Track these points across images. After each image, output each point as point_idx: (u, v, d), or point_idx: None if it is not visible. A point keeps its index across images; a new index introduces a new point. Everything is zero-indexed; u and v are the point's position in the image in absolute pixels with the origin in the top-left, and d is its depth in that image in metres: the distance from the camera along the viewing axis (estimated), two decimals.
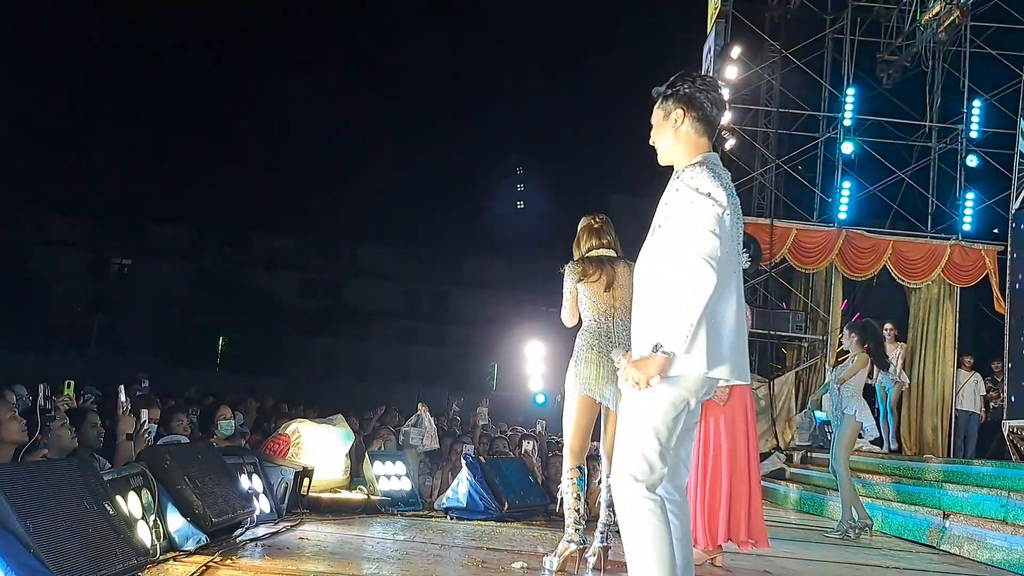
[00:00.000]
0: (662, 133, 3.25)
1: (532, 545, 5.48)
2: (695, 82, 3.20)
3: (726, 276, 2.98)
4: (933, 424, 13.72)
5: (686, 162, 3.16)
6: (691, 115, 3.19)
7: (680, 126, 3.21)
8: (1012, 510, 6.73)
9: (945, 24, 12.66)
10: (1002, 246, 12.83)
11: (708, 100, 3.18)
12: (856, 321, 8.67)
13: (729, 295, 3.02)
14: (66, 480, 3.50)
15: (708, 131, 3.21)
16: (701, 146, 3.19)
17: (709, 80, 3.27)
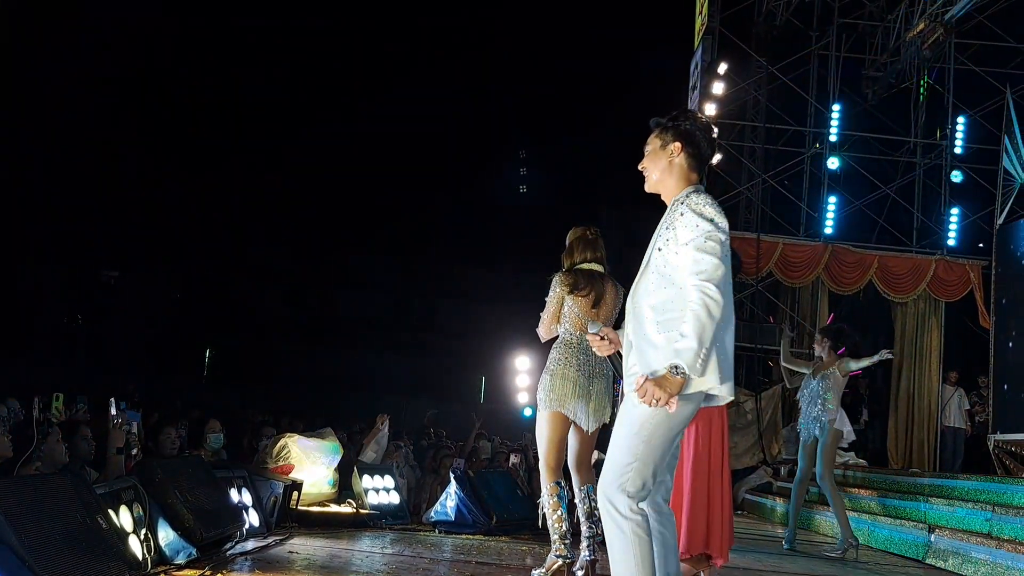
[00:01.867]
0: (657, 162, 3.37)
1: (520, 559, 5.50)
2: (695, 121, 3.36)
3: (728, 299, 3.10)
4: (919, 439, 13.80)
5: (676, 192, 3.31)
6: (687, 150, 3.32)
7: (675, 158, 3.33)
8: (997, 524, 6.79)
9: (930, 41, 12.81)
10: (987, 261, 12.96)
11: (704, 140, 3.33)
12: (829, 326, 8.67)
13: (731, 317, 3.13)
14: (60, 493, 3.53)
15: (699, 168, 3.34)
16: (692, 180, 3.33)
17: (707, 122, 3.40)
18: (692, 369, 3.01)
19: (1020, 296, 10.84)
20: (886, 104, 14.75)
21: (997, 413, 11.38)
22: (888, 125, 14.87)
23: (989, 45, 14.15)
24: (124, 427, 5.40)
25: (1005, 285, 11.37)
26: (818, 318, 14.16)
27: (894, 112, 14.79)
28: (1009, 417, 10.95)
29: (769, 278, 14.58)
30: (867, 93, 14.63)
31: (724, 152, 15.04)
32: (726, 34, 14.65)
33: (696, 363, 3.00)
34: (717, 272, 3.03)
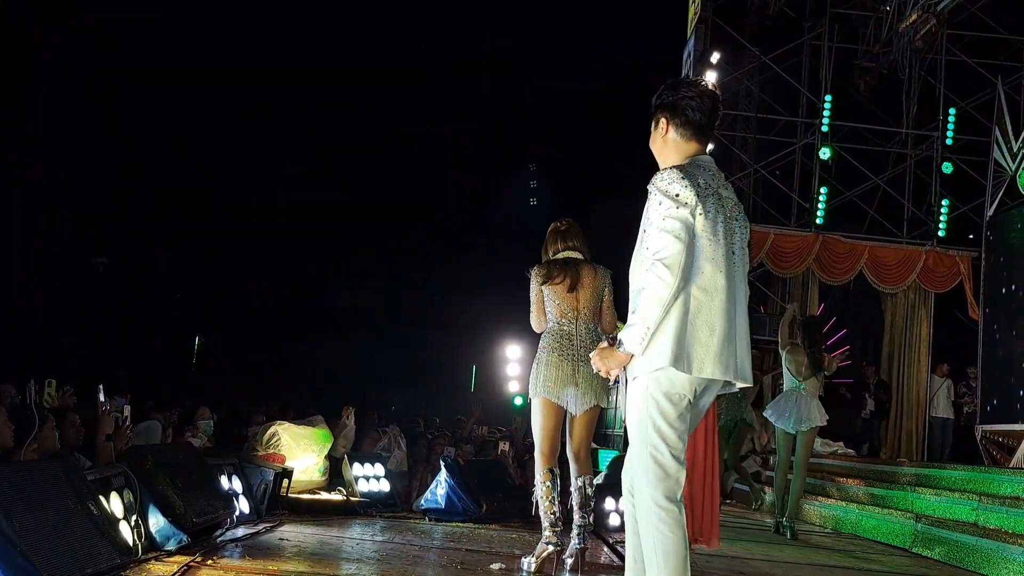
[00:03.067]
0: (655, 144, 3.35)
1: (510, 546, 5.51)
2: (677, 89, 3.27)
3: (711, 277, 3.06)
4: (908, 428, 13.88)
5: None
6: (675, 122, 3.26)
7: (666, 134, 3.29)
8: (983, 513, 6.83)
9: (922, 32, 12.81)
10: (976, 252, 13.00)
11: (692, 105, 3.24)
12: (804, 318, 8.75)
13: (714, 298, 3.07)
14: (51, 480, 3.55)
15: (696, 135, 3.26)
16: (689, 150, 3.26)
17: (694, 83, 3.31)
18: (632, 345, 3.03)
19: (1009, 288, 10.89)
20: (878, 95, 14.76)
21: (985, 404, 11.45)
22: (880, 116, 14.89)
23: (981, 36, 14.16)
24: (114, 414, 5.40)
25: (994, 276, 11.42)
26: (808, 308, 14.20)
27: (886, 103, 14.80)
28: (997, 408, 11.02)
29: (760, 268, 14.60)
30: (859, 84, 14.64)
31: (716, 142, 15.04)
32: (719, 23, 14.63)
33: (638, 341, 3.02)
34: (671, 250, 2.98)
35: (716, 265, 3.07)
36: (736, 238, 3.20)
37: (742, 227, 3.25)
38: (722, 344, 3.07)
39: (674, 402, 3.06)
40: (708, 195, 3.09)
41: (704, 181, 3.12)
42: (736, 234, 3.20)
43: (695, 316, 3.04)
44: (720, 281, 3.08)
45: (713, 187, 3.14)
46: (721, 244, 3.10)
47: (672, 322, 3.01)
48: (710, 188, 3.12)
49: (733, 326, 3.11)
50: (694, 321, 3.04)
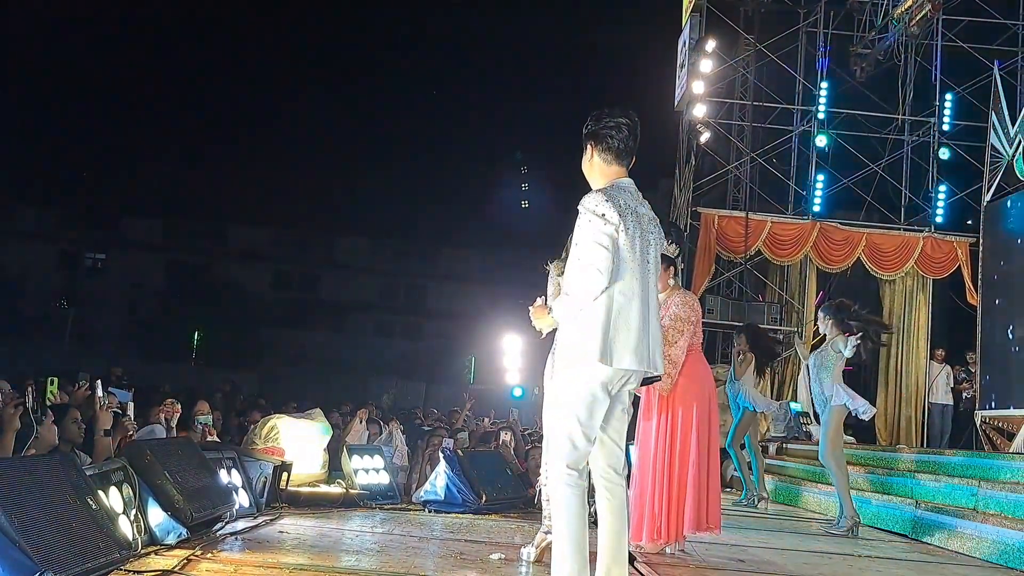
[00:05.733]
0: (583, 165, 3.80)
1: (510, 537, 5.51)
2: (600, 120, 3.72)
3: (629, 284, 3.52)
4: (907, 415, 13.89)
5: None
6: (598, 148, 3.72)
7: (591, 159, 3.75)
8: (983, 499, 6.83)
9: (917, 18, 12.79)
10: (974, 238, 13.00)
11: (612, 134, 3.69)
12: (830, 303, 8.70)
13: (631, 301, 3.53)
14: (50, 475, 3.55)
15: (616, 159, 3.70)
16: (611, 173, 3.71)
17: (614, 115, 3.72)
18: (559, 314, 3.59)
19: (1007, 273, 10.89)
20: (874, 82, 14.73)
21: (984, 389, 11.45)
22: (876, 103, 14.85)
23: (976, 22, 14.12)
24: (113, 409, 5.40)
25: (992, 262, 11.41)
26: (806, 296, 14.22)
27: (882, 90, 14.77)
28: (995, 393, 11.03)
29: (758, 256, 14.60)
30: (855, 71, 14.60)
31: (712, 130, 15.02)
32: (714, 11, 14.60)
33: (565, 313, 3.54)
34: (601, 257, 3.46)
35: (633, 273, 3.54)
36: (651, 248, 3.63)
37: (656, 239, 3.68)
38: (638, 340, 3.52)
39: (597, 391, 3.51)
40: (628, 214, 3.55)
41: (624, 202, 3.57)
42: (651, 245, 3.64)
43: (616, 317, 3.50)
44: (636, 287, 3.54)
45: (632, 206, 3.59)
46: (637, 255, 3.55)
47: (599, 322, 3.48)
48: (629, 207, 3.57)
49: (646, 324, 3.56)
50: (616, 321, 3.50)
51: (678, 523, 5.22)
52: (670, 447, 5.25)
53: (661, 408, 5.28)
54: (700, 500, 5.24)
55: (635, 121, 3.72)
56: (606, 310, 3.49)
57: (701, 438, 5.28)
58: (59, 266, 36.89)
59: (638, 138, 3.73)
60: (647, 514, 5.23)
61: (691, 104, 14.51)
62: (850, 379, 14.55)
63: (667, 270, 5.33)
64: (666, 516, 5.19)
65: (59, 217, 36.61)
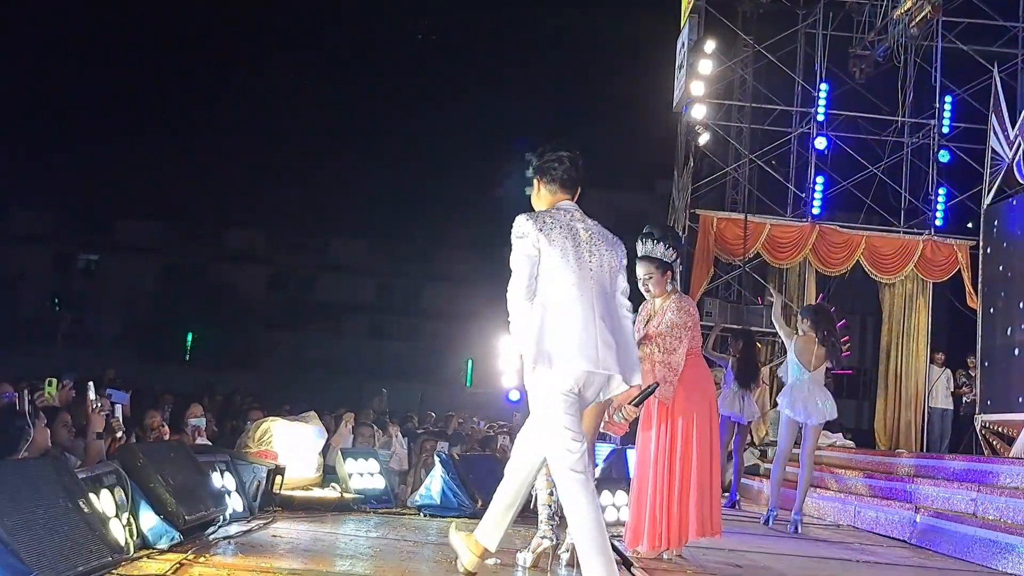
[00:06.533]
0: (532, 200, 4.11)
1: (505, 541, 5.45)
2: (542, 155, 4.06)
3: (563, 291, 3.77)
4: (907, 419, 13.85)
5: None
6: (543, 181, 4.05)
7: (539, 191, 4.08)
8: (982, 504, 6.79)
9: (917, 19, 12.75)
10: (974, 241, 12.96)
11: (554, 167, 4.01)
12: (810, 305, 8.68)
13: (569, 307, 3.76)
14: (42, 478, 3.53)
15: (560, 188, 4.02)
16: (554, 200, 4.02)
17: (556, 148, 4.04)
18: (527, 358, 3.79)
19: (1007, 276, 10.84)
20: (873, 83, 14.69)
21: (984, 393, 11.41)
22: (876, 104, 14.82)
23: (976, 23, 14.09)
24: (104, 412, 5.33)
25: (992, 265, 11.37)
26: (805, 299, 14.16)
27: (881, 91, 14.74)
28: (996, 397, 10.98)
29: (757, 259, 14.55)
30: (854, 72, 14.57)
31: (711, 132, 14.98)
32: (712, 12, 14.55)
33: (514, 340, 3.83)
34: (513, 280, 3.78)
35: (568, 281, 3.77)
36: (595, 260, 3.87)
37: (609, 251, 3.93)
38: (580, 343, 3.72)
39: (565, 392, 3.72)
40: (555, 228, 3.83)
41: (553, 219, 3.86)
42: (596, 257, 3.87)
43: (550, 324, 3.75)
44: (574, 293, 3.77)
45: (564, 222, 3.88)
46: (572, 265, 3.80)
47: (533, 331, 3.75)
48: (558, 223, 3.86)
49: (591, 328, 3.75)
50: (550, 328, 3.74)
51: (680, 529, 5.16)
52: (670, 452, 5.20)
53: (661, 414, 5.23)
54: (703, 505, 5.19)
55: (576, 154, 4.03)
56: (539, 318, 3.75)
57: (702, 442, 5.23)
58: (53, 268, 36.80)
59: (580, 168, 4.03)
60: (647, 520, 5.18)
61: (690, 105, 14.46)
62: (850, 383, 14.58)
63: (664, 275, 5.28)
64: (667, 522, 5.14)
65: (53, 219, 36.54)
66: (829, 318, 7.59)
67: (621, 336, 3.85)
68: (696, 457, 5.19)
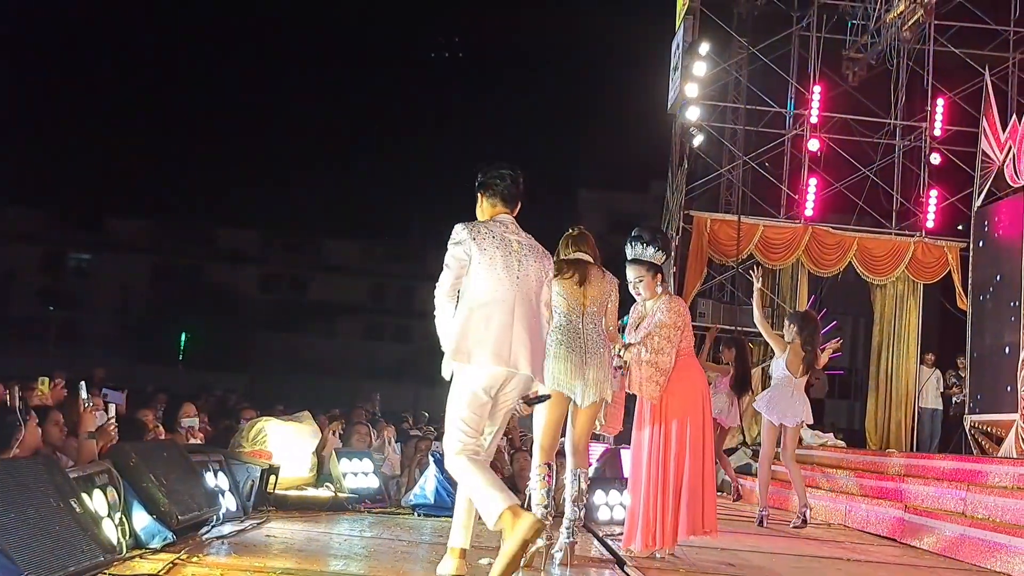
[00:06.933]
0: (476, 213, 4.42)
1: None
2: (486, 173, 4.40)
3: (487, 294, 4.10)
4: (897, 419, 13.91)
5: None
6: (485, 196, 4.40)
7: (482, 204, 4.42)
8: (971, 503, 6.83)
9: (910, 23, 12.80)
10: (964, 243, 13.01)
11: (495, 183, 4.36)
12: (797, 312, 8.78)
13: (491, 308, 4.09)
14: (33, 478, 3.51)
15: (500, 203, 4.37)
16: (494, 213, 4.37)
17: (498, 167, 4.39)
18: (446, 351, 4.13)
19: (997, 278, 10.90)
20: (866, 86, 14.74)
21: (973, 394, 11.46)
22: (868, 107, 14.86)
23: (968, 27, 14.14)
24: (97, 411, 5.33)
25: (982, 267, 11.43)
26: (798, 300, 14.21)
27: (874, 94, 14.78)
28: (984, 398, 11.03)
29: (750, 260, 14.57)
30: (847, 75, 14.61)
31: (705, 134, 15.01)
32: (707, 14, 14.58)
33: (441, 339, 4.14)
34: (441, 279, 4.16)
35: (493, 286, 4.11)
36: (522, 268, 4.19)
37: (537, 264, 4.26)
38: (497, 342, 4.04)
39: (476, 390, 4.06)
40: (488, 237, 4.17)
41: (487, 229, 4.21)
42: (524, 268, 4.20)
43: (470, 322, 4.08)
44: (497, 296, 4.11)
45: (498, 233, 4.21)
46: (499, 271, 4.13)
47: (455, 327, 4.10)
48: (492, 233, 4.20)
49: (509, 330, 4.07)
50: (470, 326, 4.07)
51: (673, 529, 5.19)
52: (664, 452, 5.22)
53: (654, 413, 5.25)
54: (695, 504, 5.21)
55: (517, 172, 4.39)
56: (462, 317, 4.11)
57: (695, 441, 5.25)
58: (44, 267, 36.67)
59: (520, 185, 4.39)
60: (640, 520, 5.20)
61: (684, 107, 14.50)
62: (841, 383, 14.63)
63: (654, 278, 5.31)
64: (660, 523, 5.16)
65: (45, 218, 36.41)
66: (815, 326, 7.68)
67: (538, 342, 4.20)
68: (689, 456, 5.22)
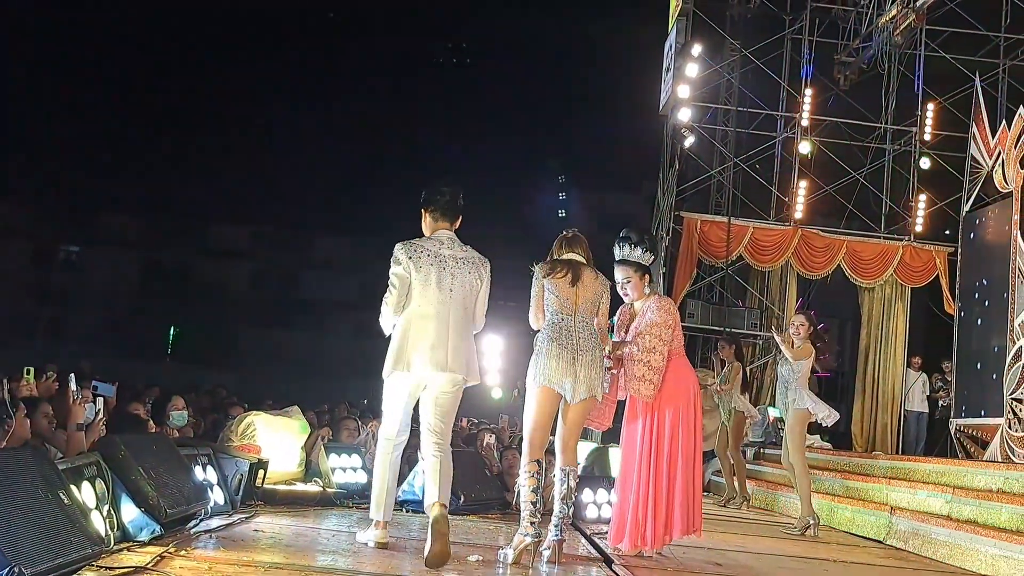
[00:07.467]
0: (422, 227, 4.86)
1: (488, 538, 5.49)
2: (429, 190, 4.85)
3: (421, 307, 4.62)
4: (883, 422, 13.98)
5: None
6: (427, 211, 4.85)
7: (425, 219, 4.86)
8: (957, 506, 6.87)
9: (901, 27, 12.86)
10: (952, 247, 13.08)
11: (437, 199, 4.81)
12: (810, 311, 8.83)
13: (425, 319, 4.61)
14: (21, 469, 3.48)
15: (441, 218, 4.82)
16: (435, 227, 4.82)
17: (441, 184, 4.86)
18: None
19: (983, 283, 10.96)
20: (857, 90, 14.80)
21: (959, 397, 11.53)
22: (859, 111, 14.93)
23: (959, 33, 14.23)
24: (87, 403, 5.33)
25: (969, 272, 11.50)
26: (787, 302, 14.27)
27: (865, 98, 14.85)
28: (970, 401, 11.10)
29: (739, 262, 14.64)
30: (839, 78, 14.68)
31: (696, 135, 15.06)
32: (700, 16, 14.62)
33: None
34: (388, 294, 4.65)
35: (428, 300, 4.62)
36: (456, 281, 4.67)
37: (472, 274, 4.72)
38: (432, 350, 4.57)
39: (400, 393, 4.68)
40: (423, 255, 4.65)
41: (423, 247, 4.69)
42: (456, 278, 4.67)
43: (408, 334, 4.60)
44: (430, 310, 4.61)
45: (434, 250, 4.68)
46: (432, 285, 4.62)
47: (395, 340, 4.64)
48: (428, 251, 4.68)
49: (444, 338, 4.60)
50: (408, 337, 4.60)
51: (666, 528, 5.21)
52: (656, 452, 5.24)
53: (645, 414, 5.27)
54: (687, 504, 5.24)
55: (457, 190, 4.84)
56: (402, 330, 4.63)
57: (686, 442, 5.27)
58: (33, 261, 36.47)
59: (459, 201, 4.84)
60: (630, 521, 5.22)
61: (676, 108, 14.53)
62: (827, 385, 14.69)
63: (642, 279, 5.34)
64: (652, 522, 5.18)
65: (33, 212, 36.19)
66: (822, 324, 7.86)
67: (470, 345, 4.73)
68: (681, 457, 5.24)
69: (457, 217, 4.84)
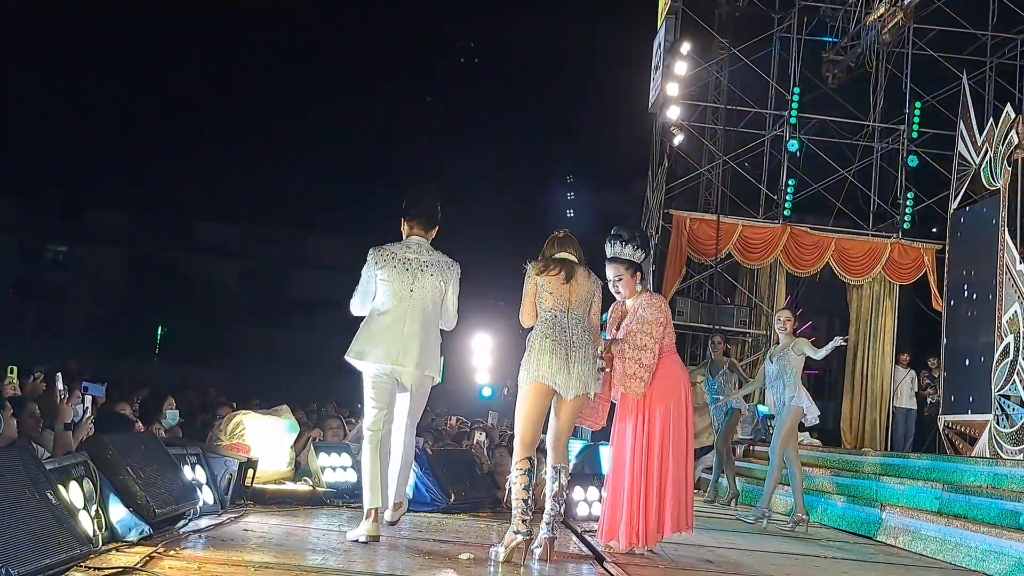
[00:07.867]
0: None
1: (479, 536, 5.48)
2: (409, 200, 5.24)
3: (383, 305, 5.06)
4: (872, 418, 14.03)
5: None
6: (405, 219, 5.24)
7: (403, 226, 5.26)
8: (946, 502, 6.91)
9: (889, 26, 12.89)
10: (940, 245, 13.13)
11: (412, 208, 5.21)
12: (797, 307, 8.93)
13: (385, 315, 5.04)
14: (8, 469, 3.44)
15: (417, 224, 5.22)
16: (411, 233, 5.23)
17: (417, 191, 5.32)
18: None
19: (971, 280, 11.01)
20: (845, 88, 14.84)
21: (947, 394, 11.58)
22: (847, 109, 14.97)
23: (947, 31, 14.28)
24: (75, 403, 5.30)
25: (957, 269, 11.54)
26: (776, 299, 14.31)
27: (853, 96, 14.89)
28: (958, 398, 11.15)
29: (728, 259, 14.66)
30: (827, 77, 14.71)
31: (685, 133, 15.07)
32: (689, 14, 14.63)
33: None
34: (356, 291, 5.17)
35: (390, 298, 5.04)
36: (417, 283, 5.08)
37: (433, 276, 5.12)
38: (388, 343, 5.00)
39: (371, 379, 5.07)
40: (390, 260, 5.08)
41: (393, 251, 5.12)
42: (418, 280, 5.08)
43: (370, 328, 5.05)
44: (390, 306, 5.04)
45: (400, 255, 5.11)
46: (397, 289, 5.04)
47: (360, 332, 5.07)
48: (395, 256, 5.11)
49: (400, 334, 5.01)
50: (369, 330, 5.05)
51: (658, 525, 5.22)
52: (647, 450, 5.24)
53: (637, 411, 5.27)
54: (679, 501, 5.24)
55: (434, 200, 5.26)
56: (365, 324, 5.07)
57: (678, 439, 5.27)
58: (20, 259, 36.28)
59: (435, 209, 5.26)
60: (624, 518, 5.22)
61: (665, 106, 14.55)
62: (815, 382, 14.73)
63: (633, 276, 5.34)
64: (644, 520, 5.18)
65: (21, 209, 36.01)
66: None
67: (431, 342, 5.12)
68: (672, 454, 5.24)
69: (434, 226, 5.25)
